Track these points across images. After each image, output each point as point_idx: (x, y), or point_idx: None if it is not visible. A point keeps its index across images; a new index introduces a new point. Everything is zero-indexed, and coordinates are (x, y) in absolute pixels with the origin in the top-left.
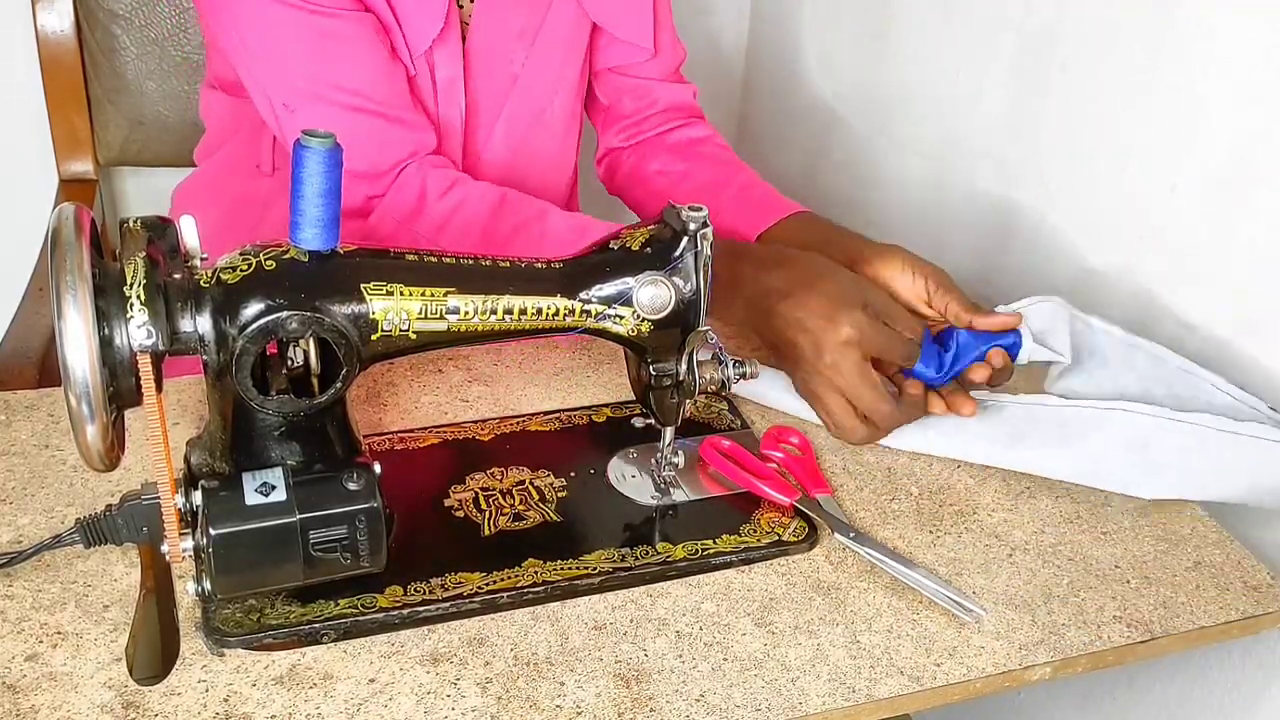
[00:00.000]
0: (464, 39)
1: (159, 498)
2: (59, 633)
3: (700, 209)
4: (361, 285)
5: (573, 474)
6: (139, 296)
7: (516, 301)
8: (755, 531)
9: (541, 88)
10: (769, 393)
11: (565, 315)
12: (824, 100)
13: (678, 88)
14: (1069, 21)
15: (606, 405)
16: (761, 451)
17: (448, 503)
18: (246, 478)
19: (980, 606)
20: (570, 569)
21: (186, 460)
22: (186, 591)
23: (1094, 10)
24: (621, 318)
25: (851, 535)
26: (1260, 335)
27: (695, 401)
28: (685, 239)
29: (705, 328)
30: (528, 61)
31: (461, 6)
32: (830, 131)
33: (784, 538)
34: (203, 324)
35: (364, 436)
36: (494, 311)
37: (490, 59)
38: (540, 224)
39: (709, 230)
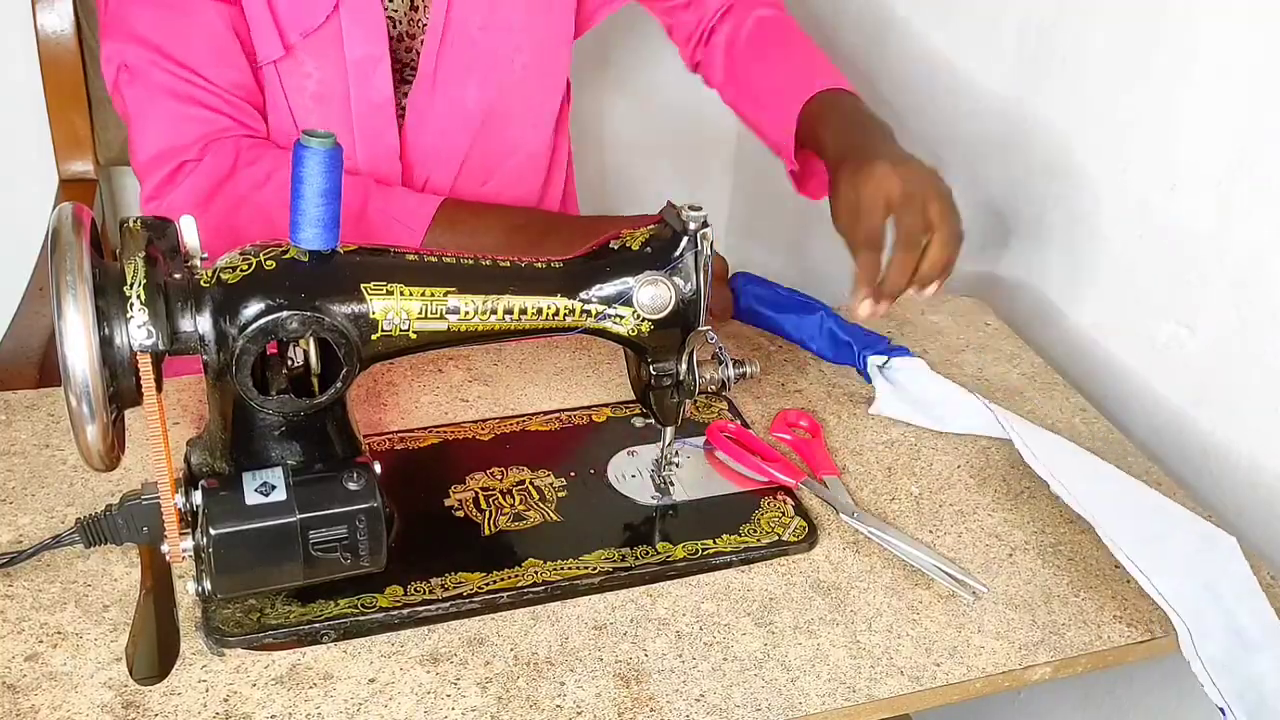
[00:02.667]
0: (415, 7)
1: (159, 498)
2: (59, 633)
3: (700, 209)
4: (361, 285)
5: (573, 474)
6: (139, 296)
7: (516, 301)
8: (755, 531)
9: (518, 34)
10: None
11: (565, 315)
12: None
13: None
14: (1068, 21)
15: (606, 405)
16: (771, 435)
17: (448, 503)
18: (246, 478)
19: (981, 583)
20: (570, 569)
21: (186, 460)
22: (186, 591)
23: (1094, 10)
24: (621, 318)
25: (855, 515)
26: (1260, 335)
27: (695, 401)
28: (685, 239)
29: (705, 328)
30: (496, 15)
31: None
32: None
33: (784, 538)
34: (203, 324)
35: (364, 436)
36: (494, 311)
37: (457, 20)
38: (365, 198)
39: (709, 230)
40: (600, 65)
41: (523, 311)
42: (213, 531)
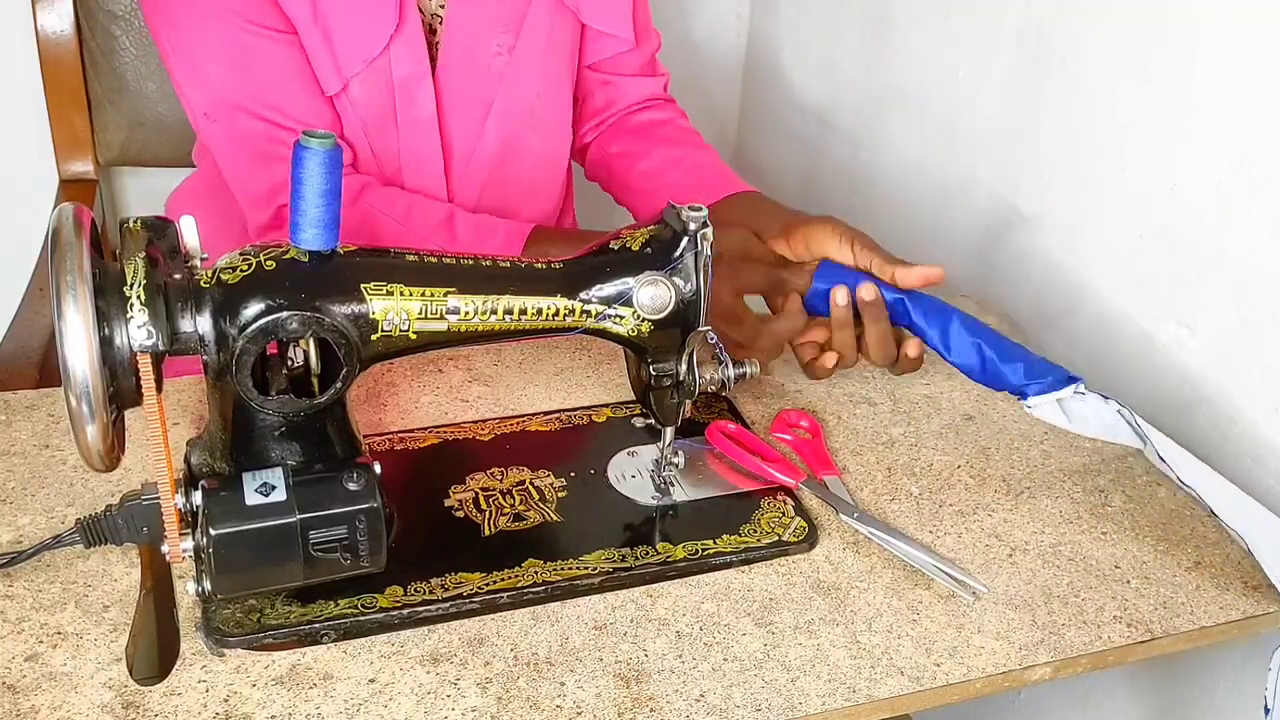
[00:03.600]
0: (433, 33)
1: (159, 498)
2: (59, 633)
3: (700, 209)
4: (361, 285)
5: (573, 474)
6: (139, 296)
7: (516, 301)
8: (755, 531)
9: (528, 81)
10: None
11: (565, 315)
12: (823, 100)
13: (647, 82)
14: (1068, 21)
15: (606, 405)
16: (771, 435)
17: (448, 503)
18: (246, 478)
19: (981, 583)
20: (570, 569)
21: (186, 460)
22: (186, 591)
23: (1093, 10)
24: (621, 318)
25: (856, 515)
26: (1260, 335)
27: (695, 401)
28: (685, 239)
29: (705, 328)
30: (513, 55)
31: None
32: (829, 131)
33: (784, 538)
34: (203, 324)
35: (364, 436)
36: (494, 311)
37: (468, 52)
38: (450, 224)
39: (709, 230)
40: None
41: (523, 312)
42: (213, 532)
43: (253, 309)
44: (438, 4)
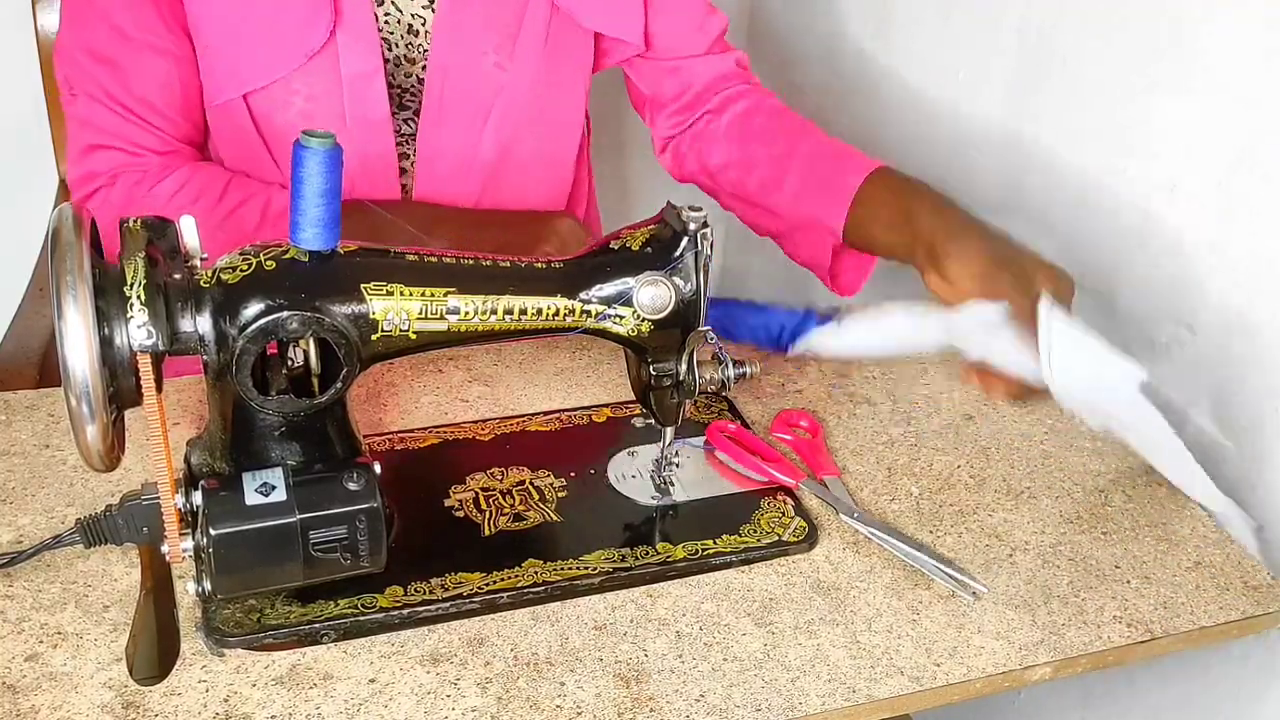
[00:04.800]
0: (414, 31)
1: (159, 498)
2: (59, 633)
3: (700, 209)
4: (361, 285)
5: (573, 474)
6: (139, 296)
7: (516, 301)
8: (755, 531)
9: (528, 90)
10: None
11: (565, 315)
12: (823, 100)
13: (717, 60)
14: (1069, 21)
15: (606, 405)
16: (770, 435)
17: (448, 503)
18: (246, 478)
19: (981, 583)
20: (570, 569)
21: (186, 460)
22: (186, 591)
23: (1094, 11)
24: (622, 318)
25: (856, 515)
26: (1260, 335)
27: (695, 401)
28: (685, 239)
29: (705, 328)
30: (511, 64)
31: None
32: (829, 131)
33: (784, 538)
34: (203, 324)
35: (364, 436)
36: (494, 311)
37: (458, 59)
38: (266, 194)
39: (709, 230)
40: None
41: (523, 311)
42: (213, 532)
43: (253, 309)
44: (421, 4)
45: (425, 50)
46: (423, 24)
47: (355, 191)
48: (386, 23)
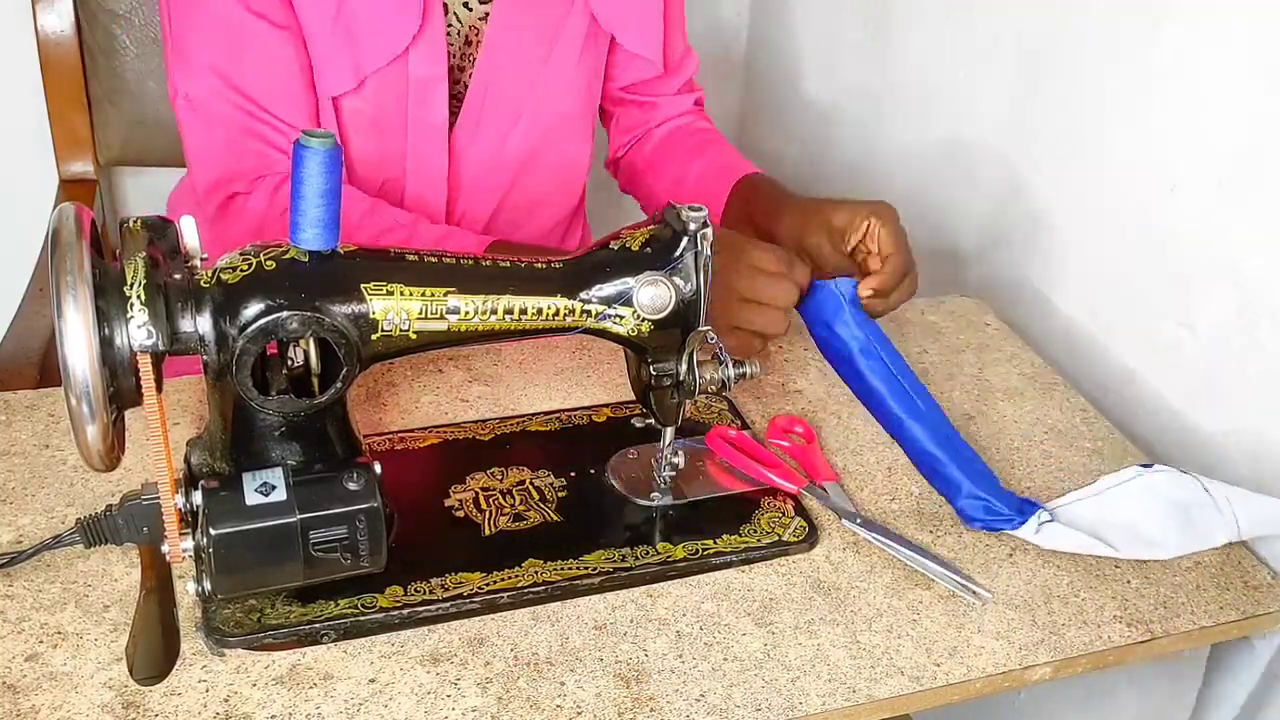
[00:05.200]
0: (468, 43)
1: (159, 498)
2: (59, 633)
3: (700, 209)
4: (361, 285)
5: (573, 474)
6: (139, 296)
7: (516, 301)
8: (755, 531)
9: (558, 94)
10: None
11: (565, 315)
12: (824, 99)
13: (681, 99)
14: (1069, 20)
15: (606, 405)
16: (767, 441)
17: (448, 503)
18: (246, 478)
19: (986, 589)
20: (570, 569)
21: (186, 460)
22: (186, 591)
23: (1094, 10)
24: (621, 318)
25: (858, 521)
26: (1259, 335)
27: (695, 401)
28: (685, 239)
29: (705, 328)
30: (545, 67)
31: (469, 8)
32: (830, 131)
33: (784, 538)
34: (203, 324)
35: (364, 436)
36: (494, 311)
37: (508, 63)
38: (410, 229)
39: (709, 230)
40: None
41: (523, 311)
42: (213, 531)
43: (253, 309)
44: (478, 15)
45: (473, 59)
46: (477, 34)
47: (406, 193)
48: (448, 33)
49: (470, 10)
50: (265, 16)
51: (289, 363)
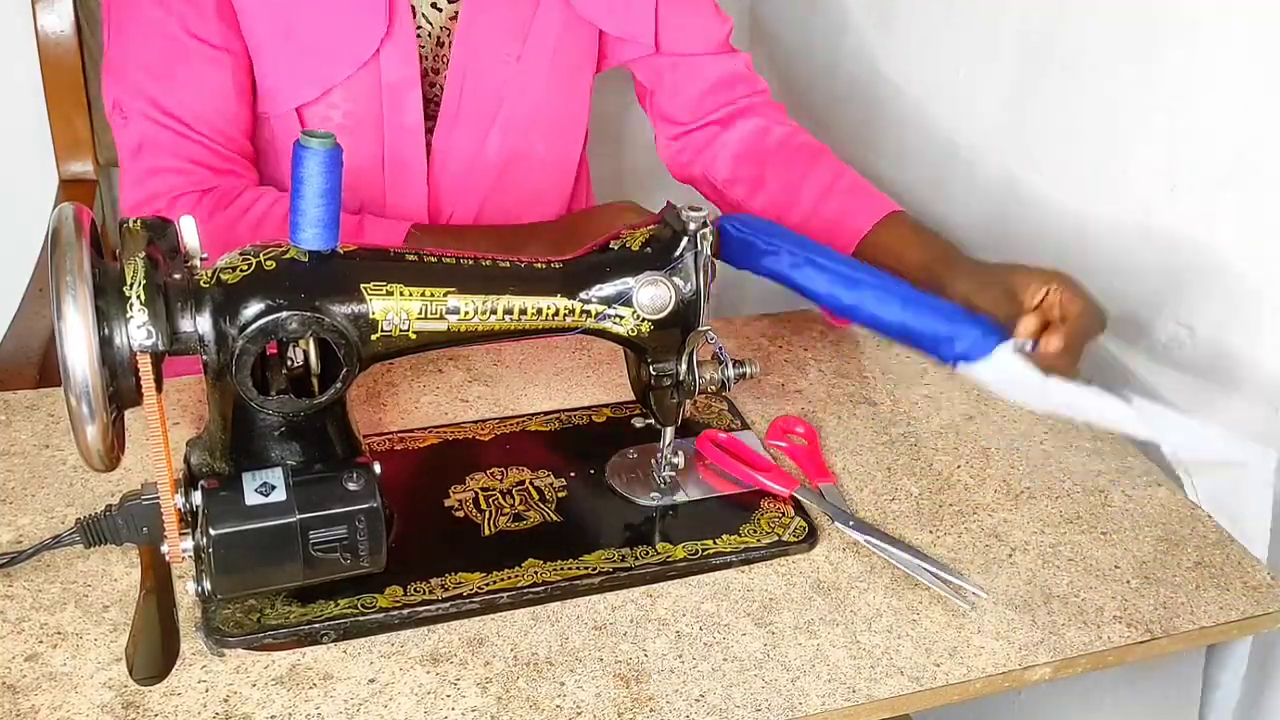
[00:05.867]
0: (440, 45)
1: (159, 498)
2: (59, 633)
3: (700, 209)
4: (361, 285)
5: (573, 474)
6: (139, 296)
7: (516, 301)
8: (755, 531)
9: (535, 89)
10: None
11: (565, 315)
12: (823, 99)
13: (725, 60)
14: (1069, 20)
15: (606, 405)
16: (767, 442)
17: (448, 503)
18: (246, 478)
19: (978, 590)
20: (570, 569)
21: (186, 460)
22: (186, 591)
23: (1094, 10)
24: (621, 318)
25: (851, 523)
26: (1260, 335)
27: (695, 401)
28: (685, 239)
29: (705, 328)
30: (519, 63)
31: (439, 9)
32: (829, 130)
33: (784, 538)
34: (203, 324)
35: (364, 436)
36: (494, 311)
37: (478, 62)
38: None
39: (709, 230)
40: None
41: (523, 311)
42: (213, 531)
43: (253, 309)
44: (449, 15)
45: (447, 60)
46: (448, 35)
47: (387, 197)
48: (419, 35)
49: (440, 11)
50: (204, 40)
51: (289, 363)
